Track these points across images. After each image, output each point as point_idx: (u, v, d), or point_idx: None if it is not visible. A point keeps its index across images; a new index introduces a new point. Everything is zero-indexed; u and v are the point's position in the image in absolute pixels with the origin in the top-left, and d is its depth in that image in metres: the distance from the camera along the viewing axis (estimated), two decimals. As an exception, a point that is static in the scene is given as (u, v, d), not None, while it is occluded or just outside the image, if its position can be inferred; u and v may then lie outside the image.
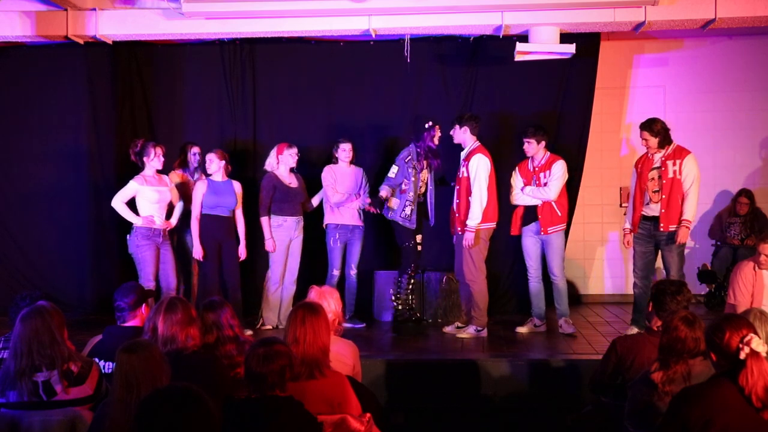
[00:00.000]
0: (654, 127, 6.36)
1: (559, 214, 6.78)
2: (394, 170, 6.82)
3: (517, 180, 6.94)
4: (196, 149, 7.30)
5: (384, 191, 6.76)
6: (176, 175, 7.25)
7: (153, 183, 6.69)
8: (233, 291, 6.82)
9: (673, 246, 6.27)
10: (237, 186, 6.94)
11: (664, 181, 6.31)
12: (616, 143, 8.89)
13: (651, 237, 6.42)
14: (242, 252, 6.95)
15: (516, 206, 6.94)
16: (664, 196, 6.30)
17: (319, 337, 3.49)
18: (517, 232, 6.95)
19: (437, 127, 6.85)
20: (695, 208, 6.32)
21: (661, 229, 6.31)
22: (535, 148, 6.81)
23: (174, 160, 7.39)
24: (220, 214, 6.82)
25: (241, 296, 6.93)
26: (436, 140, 6.85)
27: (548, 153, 6.89)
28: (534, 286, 6.95)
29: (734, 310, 4.65)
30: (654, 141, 6.35)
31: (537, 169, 6.84)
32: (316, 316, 3.56)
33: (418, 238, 6.95)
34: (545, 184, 6.77)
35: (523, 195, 6.85)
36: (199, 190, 6.81)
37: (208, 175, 6.93)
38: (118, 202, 6.63)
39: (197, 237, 6.77)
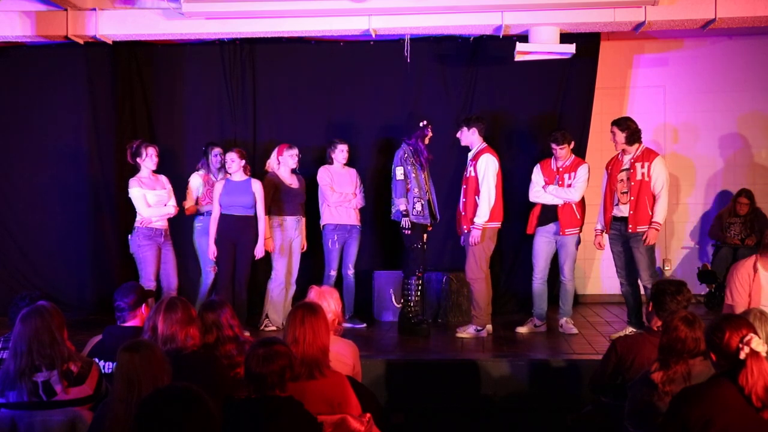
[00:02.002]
0: (623, 123, 6.42)
1: (578, 216, 6.84)
2: (400, 172, 6.79)
3: (538, 177, 6.96)
4: (217, 150, 7.27)
5: (402, 204, 6.75)
6: (198, 177, 7.26)
7: (150, 185, 6.69)
8: (239, 290, 6.82)
9: (641, 243, 6.34)
10: (255, 184, 6.92)
11: (632, 183, 6.37)
12: (616, 143, 8.87)
13: (622, 236, 6.50)
14: (258, 250, 6.91)
15: (533, 204, 6.98)
16: (632, 198, 6.37)
17: (319, 337, 3.49)
18: (531, 230, 6.97)
19: (430, 127, 6.87)
20: (665, 210, 6.39)
21: (630, 231, 6.39)
22: (567, 153, 6.85)
23: (177, 161, 7.41)
24: (236, 213, 6.81)
25: (246, 297, 6.92)
26: (426, 140, 6.87)
27: (573, 155, 6.95)
28: (538, 286, 6.97)
29: (732, 311, 4.63)
30: (621, 136, 6.41)
31: (561, 169, 6.87)
32: (316, 316, 3.56)
33: (424, 237, 6.94)
34: (569, 186, 6.81)
35: (545, 193, 6.87)
36: (216, 191, 6.86)
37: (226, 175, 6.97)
38: (148, 211, 6.62)
39: (213, 237, 6.80)
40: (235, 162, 6.84)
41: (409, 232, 6.75)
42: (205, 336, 3.98)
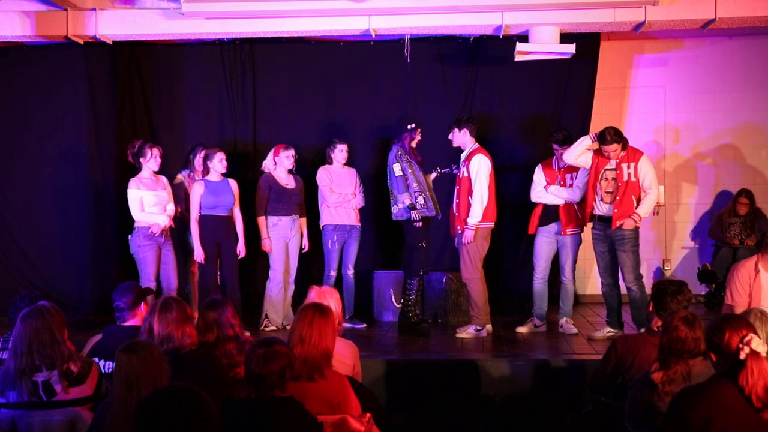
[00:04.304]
0: (611, 135, 6.27)
1: (579, 216, 6.84)
2: (397, 168, 6.80)
3: (540, 178, 6.95)
4: (204, 151, 7.24)
5: (407, 198, 6.77)
6: (180, 177, 7.25)
7: (150, 185, 6.66)
8: (232, 291, 6.81)
9: (627, 245, 6.31)
10: (233, 184, 6.94)
11: (619, 184, 6.35)
12: (616, 143, 8.87)
13: (606, 237, 6.48)
14: (241, 249, 6.94)
15: (533, 204, 6.98)
16: (617, 197, 6.35)
17: (324, 340, 3.49)
18: (533, 231, 6.97)
19: (419, 130, 6.89)
20: (651, 206, 6.38)
21: (613, 228, 6.38)
22: None
23: (177, 161, 7.40)
24: (219, 214, 6.80)
25: (240, 296, 6.92)
26: (414, 143, 6.88)
27: None
28: (538, 286, 6.97)
29: (732, 311, 4.63)
30: (618, 146, 6.32)
31: (563, 169, 6.87)
32: (325, 319, 3.55)
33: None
34: (570, 185, 6.81)
35: (546, 193, 6.87)
36: (197, 192, 6.79)
37: (204, 176, 6.94)
38: (140, 215, 6.59)
39: (197, 239, 6.76)
40: (223, 162, 6.83)
41: (420, 224, 6.76)
42: (205, 334, 3.98)
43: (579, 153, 6.52)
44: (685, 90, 8.83)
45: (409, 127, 6.87)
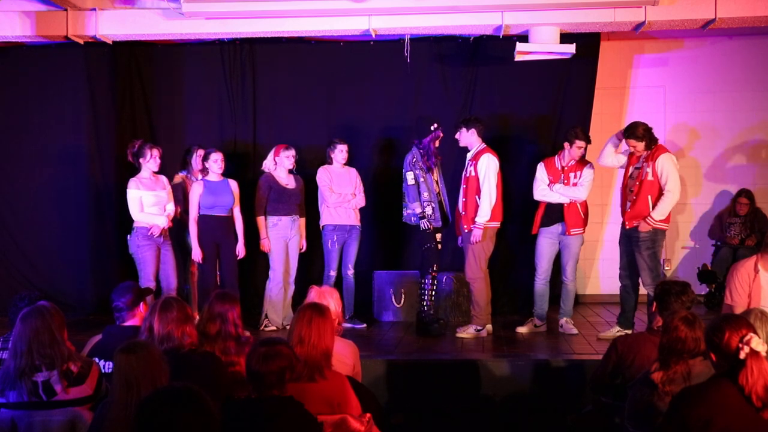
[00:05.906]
0: (637, 132, 6.31)
1: (582, 216, 6.84)
2: (410, 177, 6.83)
3: (543, 175, 6.93)
4: (201, 151, 7.24)
5: (417, 207, 6.80)
6: (179, 177, 7.26)
7: (149, 186, 6.66)
8: (231, 290, 6.79)
9: (642, 247, 6.29)
10: (233, 184, 6.95)
11: (637, 183, 6.35)
12: (616, 143, 8.87)
13: (626, 236, 6.49)
14: (241, 250, 6.96)
15: (534, 204, 6.97)
16: (634, 197, 6.35)
17: (323, 340, 3.49)
18: (536, 231, 6.97)
19: (441, 129, 6.89)
20: (668, 207, 6.27)
21: (627, 227, 6.37)
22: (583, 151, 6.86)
23: (177, 162, 7.40)
24: (218, 214, 6.81)
25: (239, 296, 6.91)
26: (437, 142, 6.89)
27: None
28: (540, 287, 6.96)
29: (731, 311, 4.63)
30: (641, 145, 6.34)
31: (567, 168, 6.85)
32: (323, 318, 3.55)
33: (437, 236, 6.97)
34: (575, 185, 6.80)
35: (551, 192, 6.85)
36: (196, 192, 6.80)
37: (204, 176, 6.94)
38: (139, 215, 6.59)
39: (196, 238, 6.76)
40: (218, 162, 6.83)
41: (431, 228, 6.80)
42: (207, 324, 3.98)
43: (608, 154, 6.64)
44: (685, 90, 8.83)
45: (432, 127, 6.88)
